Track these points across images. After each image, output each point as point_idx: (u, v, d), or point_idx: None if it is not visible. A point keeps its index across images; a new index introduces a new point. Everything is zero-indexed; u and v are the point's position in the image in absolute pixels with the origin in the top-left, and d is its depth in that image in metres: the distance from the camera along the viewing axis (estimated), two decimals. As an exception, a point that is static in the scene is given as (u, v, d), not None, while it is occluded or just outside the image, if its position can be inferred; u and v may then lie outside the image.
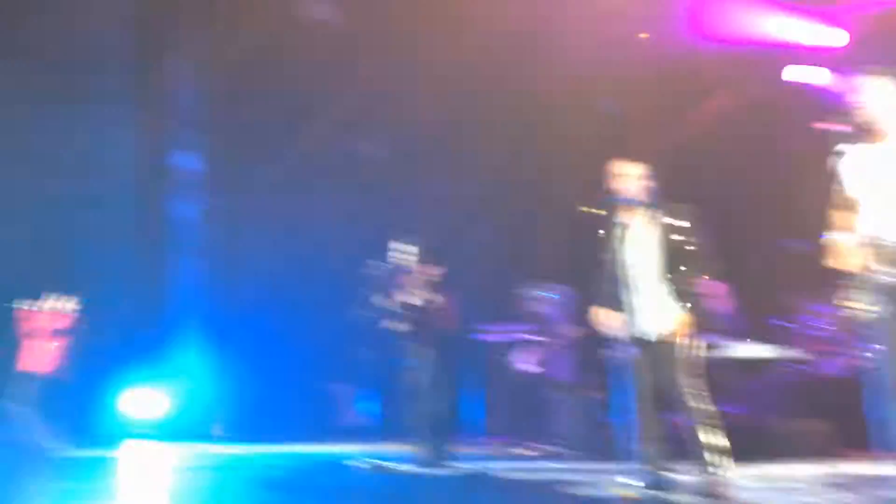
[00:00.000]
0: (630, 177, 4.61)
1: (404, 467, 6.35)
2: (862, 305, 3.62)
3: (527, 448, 8.60)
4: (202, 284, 12.12)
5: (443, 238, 7.28)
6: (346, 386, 11.69)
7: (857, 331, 8.83)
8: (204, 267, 12.15)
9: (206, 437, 10.32)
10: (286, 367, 11.27)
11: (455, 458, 6.43)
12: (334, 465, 6.97)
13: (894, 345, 3.56)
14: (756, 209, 10.85)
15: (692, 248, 4.50)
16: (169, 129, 12.10)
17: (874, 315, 3.55)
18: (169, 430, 10.54)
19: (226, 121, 11.98)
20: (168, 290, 11.98)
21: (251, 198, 11.79)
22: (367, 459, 6.35)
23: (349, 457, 6.90)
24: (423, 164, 11.61)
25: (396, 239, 6.82)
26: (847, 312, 9.05)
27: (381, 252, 6.85)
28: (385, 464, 6.36)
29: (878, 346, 3.55)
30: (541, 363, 9.31)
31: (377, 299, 6.67)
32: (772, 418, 7.97)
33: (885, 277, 3.53)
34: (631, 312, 4.59)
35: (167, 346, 11.64)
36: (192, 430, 10.57)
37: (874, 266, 3.56)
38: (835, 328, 9.54)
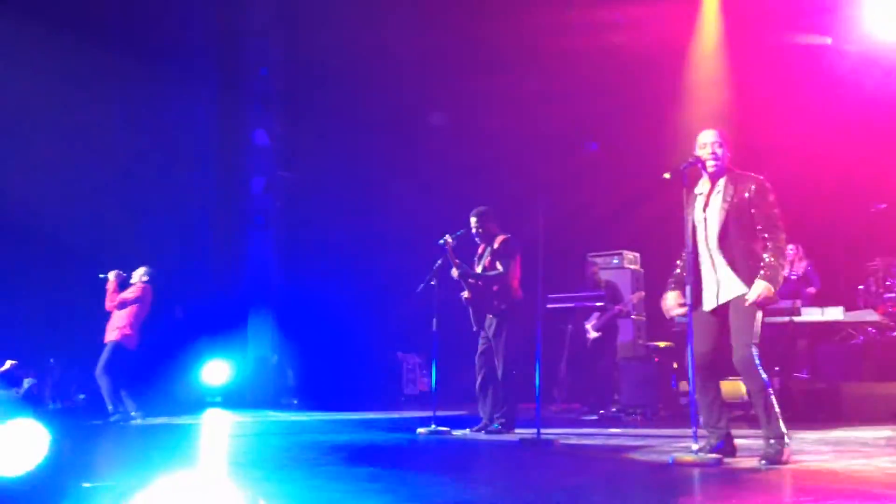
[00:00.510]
0: (711, 145, 4.60)
1: (469, 433, 6.47)
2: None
3: (592, 414, 8.64)
4: (276, 258, 12.45)
5: (508, 208, 7.28)
6: (413, 355, 11.93)
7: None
8: (279, 241, 12.47)
9: (279, 405, 10.66)
10: (356, 337, 11.53)
11: (520, 423, 6.52)
12: (398, 431, 7.13)
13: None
14: (840, 174, 10.61)
15: (765, 215, 4.46)
16: (248, 106, 12.42)
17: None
18: (244, 399, 10.92)
19: (301, 99, 12.22)
20: (244, 263, 12.35)
21: (326, 173, 12.02)
22: (431, 425, 6.47)
23: (414, 423, 7.05)
24: (487, 136, 11.67)
25: (469, 210, 6.88)
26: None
27: (452, 224, 6.94)
28: (449, 430, 6.47)
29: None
30: (607, 330, 9.32)
31: (448, 270, 6.75)
32: (844, 382, 7.83)
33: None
34: (701, 278, 4.59)
35: (244, 318, 12.03)
36: (266, 399, 10.94)
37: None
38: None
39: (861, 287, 9.97)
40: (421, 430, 6.49)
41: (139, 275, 8.56)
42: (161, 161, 10.95)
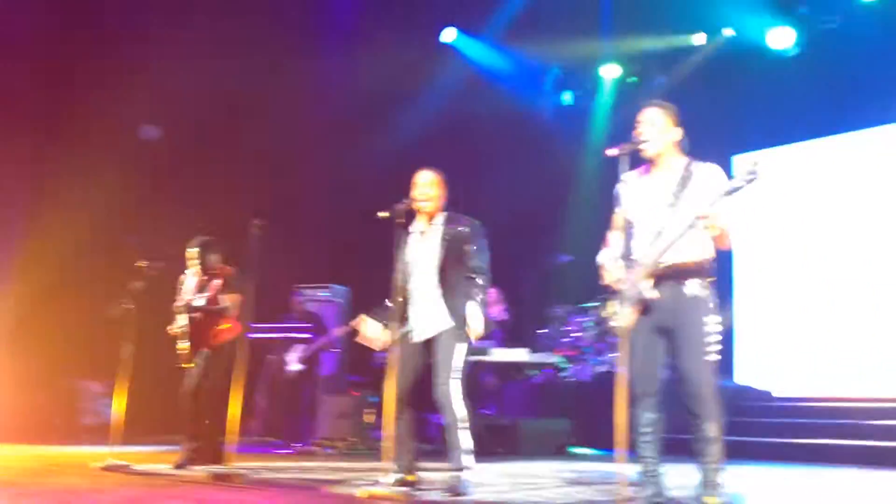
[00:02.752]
0: (427, 185, 4.78)
1: (168, 469, 6.11)
2: (617, 316, 3.93)
3: (288, 447, 8.53)
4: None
5: (228, 237, 7.03)
6: (96, 383, 10.97)
7: (610, 339, 9.66)
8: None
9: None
10: (36, 361, 10.41)
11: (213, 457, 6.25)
12: (70, 464, 6.50)
13: (638, 353, 3.91)
14: (530, 224, 11.54)
15: (478, 256, 4.71)
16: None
17: (625, 325, 3.87)
18: None
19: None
20: None
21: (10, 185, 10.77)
22: (109, 459, 6.00)
23: (92, 456, 6.49)
24: (199, 155, 11.16)
25: (184, 239, 6.60)
26: (604, 322, 9.85)
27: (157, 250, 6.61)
28: (129, 465, 6.03)
29: (625, 354, 3.87)
30: (309, 362, 9.28)
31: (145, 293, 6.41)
32: (523, 417, 8.46)
33: (635, 292, 3.88)
34: (408, 314, 4.73)
35: None
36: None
37: (630, 281, 3.90)
38: (587, 336, 10.34)
39: (543, 331, 10.94)
40: (97, 464, 5.99)
41: None
42: None
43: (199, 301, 6.49)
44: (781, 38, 9.75)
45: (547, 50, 11.45)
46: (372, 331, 4.91)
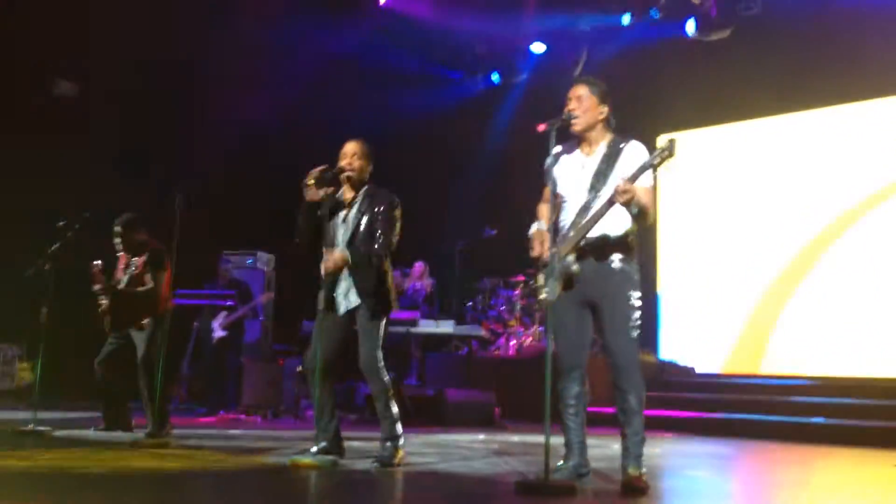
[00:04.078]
0: (351, 156, 4.75)
1: (88, 433, 6.06)
2: (544, 290, 3.97)
3: (212, 414, 8.45)
4: None
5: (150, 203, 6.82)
6: (10, 346, 10.62)
7: (537, 312, 9.77)
8: None
9: None
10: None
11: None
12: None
13: (565, 327, 3.99)
14: (456, 197, 11.56)
15: (385, 222, 4.70)
16: None
17: (550, 298, 3.93)
18: None
19: None
20: None
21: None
22: (30, 425, 5.86)
23: (12, 422, 6.32)
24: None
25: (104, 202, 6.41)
26: (531, 295, 9.96)
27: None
28: (52, 429, 5.91)
29: (552, 328, 3.94)
30: (234, 329, 9.17)
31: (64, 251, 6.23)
32: (448, 388, 8.56)
33: (562, 265, 3.94)
34: (330, 285, 4.71)
35: None
36: None
37: (556, 255, 3.95)
38: (513, 309, 10.48)
39: (469, 304, 11.04)
40: (19, 428, 5.85)
41: None
42: None
43: (122, 280, 6.28)
44: (691, 26, 9.95)
45: (475, 25, 11.44)
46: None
